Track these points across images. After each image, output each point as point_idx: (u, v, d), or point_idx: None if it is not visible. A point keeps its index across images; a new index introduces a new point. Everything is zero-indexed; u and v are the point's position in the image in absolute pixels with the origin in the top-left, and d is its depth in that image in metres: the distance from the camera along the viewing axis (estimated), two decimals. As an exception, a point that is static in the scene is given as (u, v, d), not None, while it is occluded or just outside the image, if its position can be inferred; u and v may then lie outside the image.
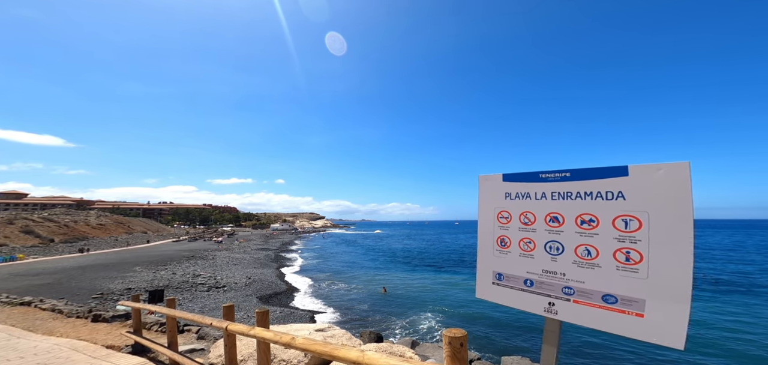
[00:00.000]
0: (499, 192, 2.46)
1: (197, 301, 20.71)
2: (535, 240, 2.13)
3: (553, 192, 2.05)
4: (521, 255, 2.22)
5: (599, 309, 1.72)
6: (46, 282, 24.41)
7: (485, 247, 2.53)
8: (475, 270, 2.65)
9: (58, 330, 6.98)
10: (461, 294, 25.62)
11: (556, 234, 2.01)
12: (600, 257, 1.75)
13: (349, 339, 4.68)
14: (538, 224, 2.12)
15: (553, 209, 2.03)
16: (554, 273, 1.99)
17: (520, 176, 2.32)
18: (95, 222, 76.16)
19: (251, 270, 33.49)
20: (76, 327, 6.83)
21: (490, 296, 2.48)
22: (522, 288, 2.20)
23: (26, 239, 53.23)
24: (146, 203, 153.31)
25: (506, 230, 2.37)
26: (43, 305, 9.43)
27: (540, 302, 2.06)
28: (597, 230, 1.77)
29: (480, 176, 2.71)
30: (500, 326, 17.40)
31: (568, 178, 1.97)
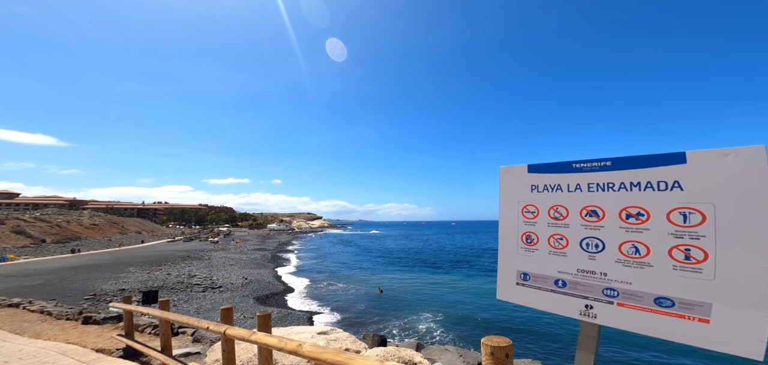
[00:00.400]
0: (523, 185, 2.26)
1: (193, 302, 20.28)
2: (567, 237, 1.93)
3: (589, 183, 1.85)
4: (551, 253, 2.01)
5: (651, 313, 1.52)
6: (37, 283, 23.76)
7: (508, 245, 2.32)
8: (471, 270, 2.43)
9: (46, 333, 6.65)
10: (458, 294, 25.47)
11: (594, 230, 1.80)
12: (651, 255, 1.55)
13: (354, 342, 4.46)
14: (571, 219, 1.92)
15: (591, 202, 1.83)
16: (592, 273, 1.79)
17: (549, 167, 2.12)
18: (88, 222, 74.77)
19: (248, 271, 33.02)
20: (65, 330, 6.51)
21: (513, 297, 2.27)
22: (552, 289, 1.99)
23: (17, 239, 52.03)
24: (141, 203, 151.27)
25: (532, 225, 2.16)
26: (32, 306, 9.04)
27: (574, 304, 1.86)
28: (647, 224, 1.57)
29: (501, 168, 2.50)
30: (502, 327, 17.28)
31: (608, 167, 1.78)
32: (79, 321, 7.35)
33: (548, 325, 17.19)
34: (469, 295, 24.78)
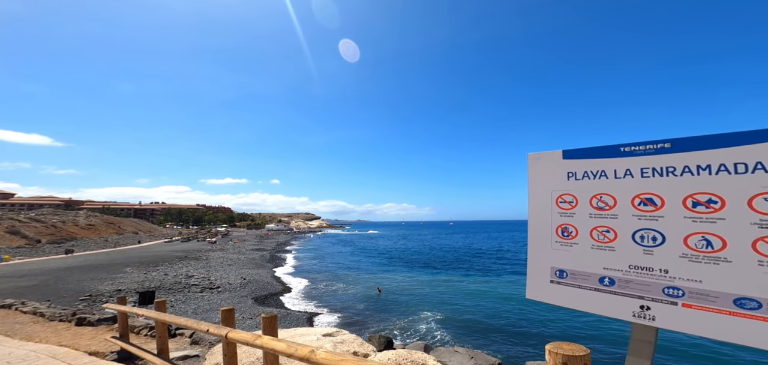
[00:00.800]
0: (557, 172, 2.04)
1: (190, 302, 19.94)
2: (615, 229, 1.71)
3: (643, 169, 1.64)
4: (595, 248, 1.79)
5: (730, 316, 1.30)
6: (31, 283, 23.28)
7: (539, 239, 2.10)
8: (470, 270, 2.18)
9: (38, 335, 6.35)
10: (457, 294, 25.30)
11: (650, 221, 1.59)
12: (729, 248, 1.33)
13: (361, 344, 4.24)
14: (620, 209, 1.70)
15: (646, 189, 1.62)
16: (649, 270, 1.57)
17: (590, 152, 1.90)
18: (84, 223, 73.84)
19: (246, 271, 32.65)
20: (58, 332, 6.22)
21: (546, 296, 2.05)
22: (597, 288, 1.77)
23: (12, 239, 51.20)
24: (138, 204, 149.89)
25: (570, 217, 1.94)
26: (25, 308, 8.72)
27: (626, 305, 1.64)
28: (722, 213, 1.35)
29: (530, 155, 2.28)
30: (509, 327, 17.08)
31: (667, 150, 1.56)
32: (73, 323, 7.06)
33: (563, 325, 17.05)
34: (467, 295, 24.62)
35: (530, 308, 20.48)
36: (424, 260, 46.47)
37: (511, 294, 24.04)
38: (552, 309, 19.41)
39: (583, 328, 16.59)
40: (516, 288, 26.51)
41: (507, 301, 22.16)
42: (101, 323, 6.99)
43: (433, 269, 38.09)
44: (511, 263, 40.63)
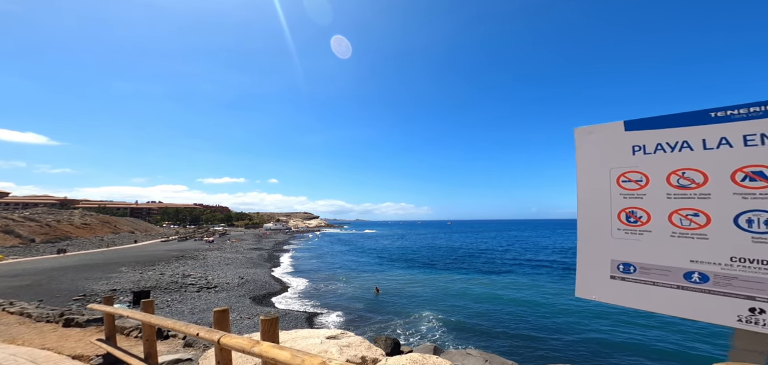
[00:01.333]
0: (618, 147, 1.69)
1: (187, 302, 19.46)
2: (708, 212, 1.37)
3: (747, 136, 1.29)
4: (677, 235, 1.45)
5: None
6: (25, 283, 22.69)
7: (594, 227, 1.75)
8: (470, 270, 1.83)
9: (21, 337, 5.91)
10: (458, 294, 25.01)
11: (760, 199, 1.24)
12: None
13: (368, 347, 3.89)
14: (713, 186, 1.36)
15: (752, 162, 1.27)
16: (762, 263, 1.23)
17: (664, 121, 1.55)
18: (79, 222, 72.79)
19: (244, 270, 32.16)
20: (43, 333, 5.79)
21: (606, 295, 1.69)
22: (681, 286, 1.42)
23: (5, 239, 50.26)
24: (134, 203, 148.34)
25: (638, 199, 1.60)
26: (11, 308, 8.26)
27: (727, 307, 1.30)
28: None
29: (577, 129, 1.93)
30: (514, 329, 16.77)
31: (783, 110, 1.22)
32: (60, 324, 6.63)
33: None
34: (468, 295, 24.36)
35: (537, 308, 20.21)
36: (424, 259, 46.18)
37: (517, 295, 23.81)
38: (566, 311, 19.20)
39: (605, 331, 16.25)
40: (519, 288, 26.26)
41: (511, 302, 21.89)
42: (90, 324, 6.57)
43: (433, 268, 37.80)
44: (511, 263, 40.41)
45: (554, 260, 40.76)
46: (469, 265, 38.87)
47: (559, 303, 21.14)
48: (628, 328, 16.40)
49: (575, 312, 18.91)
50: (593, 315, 19.02)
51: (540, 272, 33.28)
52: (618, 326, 16.55)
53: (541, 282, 28.19)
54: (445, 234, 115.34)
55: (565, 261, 39.47)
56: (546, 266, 37.02)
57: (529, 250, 55.20)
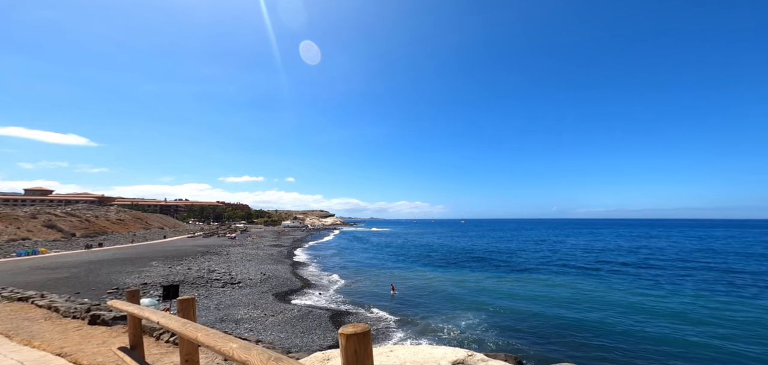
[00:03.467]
0: None
1: (213, 297, 19.48)
2: None
3: None
4: None
5: None
6: (63, 276, 23.65)
7: None
8: (498, 268, 0.84)
9: (42, 336, 5.41)
10: (494, 291, 24.00)
11: None
12: None
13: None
14: None
15: None
16: None
17: None
18: (115, 218, 76.76)
19: (266, 266, 32.32)
20: (66, 332, 5.40)
21: None
22: None
23: (49, 233, 53.56)
24: (163, 200, 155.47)
25: None
26: (41, 301, 8.09)
27: None
28: None
29: None
30: (562, 326, 15.53)
31: None
32: (86, 321, 6.25)
33: (614, 326, 15.33)
34: (505, 294, 23.50)
35: (575, 307, 18.76)
36: (449, 258, 45.06)
37: (561, 295, 22.44)
38: (621, 311, 17.73)
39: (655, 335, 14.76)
40: (558, 288, 24.65)
41: (555, 303, 20.53)
42: (117, 322, 6.15)
43: (460, 267, 36.74)
44: (541, 263, 38.39)
45: (605, 261, 38.36)
46: (494, 263, 37.23)
47: (637, 305, 19.88)
48: (697, 328, 14.88)
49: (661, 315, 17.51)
50: (656, 314, 17.65)
51: (580, 272, 31.35)
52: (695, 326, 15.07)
53: (589, 283, 26.41)
54: (462, 232, 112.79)
55: (610, 261, 37.08)
56: (588, 267, 34.79)
57: (558, 249, 52.59)
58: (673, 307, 19.43)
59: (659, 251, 48.61)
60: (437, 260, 41.68)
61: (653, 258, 41.06)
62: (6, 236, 45.45)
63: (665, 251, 49.45)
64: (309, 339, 13.42)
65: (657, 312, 18.59)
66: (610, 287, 25.18)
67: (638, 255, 44.64)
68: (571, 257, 43.08)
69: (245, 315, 16.32)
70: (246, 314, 16.57)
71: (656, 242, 65.92)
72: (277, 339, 13.28)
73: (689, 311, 18.66)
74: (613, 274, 30.89)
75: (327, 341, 13.39)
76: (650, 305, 19.99)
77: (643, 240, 70.83)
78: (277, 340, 13.09)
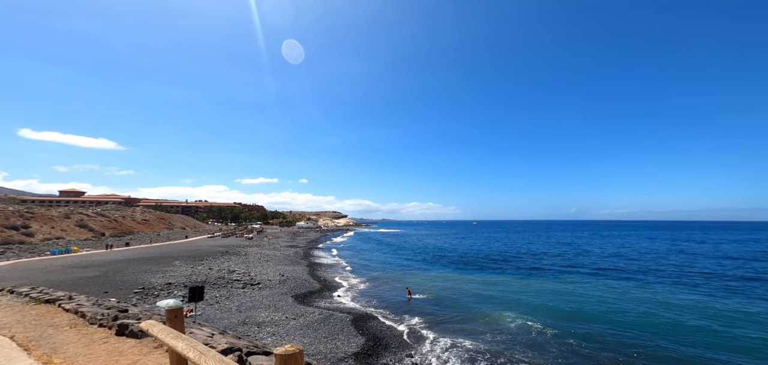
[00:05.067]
0: None
1: (233, 298, 19.27)
2: None
3: None
4: None
5: None
6: (93, 274, 24.15)
7: None
8: (521, 269, 0.55)
9: (65, 349, 4.85)
10: (527, 295, 22.88)
11: None
12: None
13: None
14: None
15: None
16: None
17: None
18: (140, 218, 79.52)
19: (283, 267, 32.18)
20: (92, 343, 4.93)
21: None
22: None
23: (81, 232, 55.86)
24: (184, 201, 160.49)
25: None
26: (68, 304, 7.79)
27: None
28: None
29: None
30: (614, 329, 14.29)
31: None
32: (113, 330, 5.79)
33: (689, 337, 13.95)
34: (539, 295, 22.60)
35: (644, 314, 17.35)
36: (468, 259, 43.93)
37: (603, 297, 21.02)
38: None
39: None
40: (603, 291, 23.08)
41: (597, 306, 19.17)
42: (147, 334, 5.63)
43: (482, 268, 35.47)
44: (572, 265, 36.46)
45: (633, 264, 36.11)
46: (519, 264, 35.63)
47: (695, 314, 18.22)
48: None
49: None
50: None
51: (605, 276, 29.42)
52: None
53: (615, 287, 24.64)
54: (476, 234, 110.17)
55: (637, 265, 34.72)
56: (616, 270, 32.75)
57: (583, 252, 50.02)
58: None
59: (705, 257, 44.06)
60: (453, 262, 40.43)
61: (705, 265, 37.05)
62: (41, 236, 47.65)
63: (713, 256, 44.86)
64: (333, 345, 12.81)
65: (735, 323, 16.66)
66: (676, 295, 23.03)
67: (686, 260, 40.89)
68: (612, 261, 40.72)
69: (267, 318, 15.92)
70: (267, 316, 16.18)
71: (698, 246, 59.89)
72: (301, 344, 12.72)
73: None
74: (666, 281, 28.38)
75: (351, 347, 12.74)
76: (725, 315, 18.01)
77: (682, 243, 65.39)
78: (301, 346, 12.52)
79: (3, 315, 6.61)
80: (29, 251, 37.19)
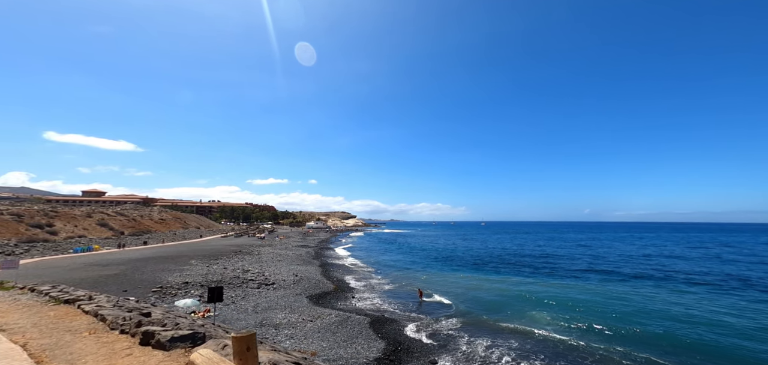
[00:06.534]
0: None
1: (249, 299, 18.92)
2: None
3: None
4: None
5: None
6: (113, 273, 24.27)
7: None
8: (539, 271, 0.75)
9: (83, 361, 4.28)
10: (545, 295, 21.85)
11: None
12: None
13: None
14: None
15: None
16: None
17: None
18: (157, 217, 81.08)
19: (296, 267, 31.86)
20: (112, 357, 4.38)
21: None
22: None
23: (102, 231, 57.15)
24: (199, 202, 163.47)
25: None
26: (88, 305, 7.40)
27: None
28: None
29: None
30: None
31: None
32: (137, 339, 5.27)
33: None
34: (562, 297, 21.53)
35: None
36: (483, 260, 42.65)
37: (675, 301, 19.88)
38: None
39: None
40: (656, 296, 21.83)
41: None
42: (176, 344, 4.90)
43: (493, 270, 34.26)
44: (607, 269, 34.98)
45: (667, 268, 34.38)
46: (534, 266, 34.34)
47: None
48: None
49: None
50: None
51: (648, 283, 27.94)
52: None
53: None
54: (486, 235, 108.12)
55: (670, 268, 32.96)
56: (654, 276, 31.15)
57: (602, 257, 48.04)
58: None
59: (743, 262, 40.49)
60: (467, 263, 39.36)
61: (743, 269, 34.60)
62: (64, 234, 48.88)
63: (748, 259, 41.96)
64: (353, 350, 12.20)
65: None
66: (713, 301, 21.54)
67: (724, 264, 38.20)
68: (636, 265, 38.94)
69: (283, 320, 15.45)
70: (284, 318, 15.71)
71: (730, 251, 54.96)
72: (320, 348, 12.18)
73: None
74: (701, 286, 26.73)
75: (372, 352, 12.10)
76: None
77: (713, 247, 60.26)
78: (321, 350, 11.98)
79: (20, 316, 6.25)
80: (53, 249, 38.04)
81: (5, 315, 6.35)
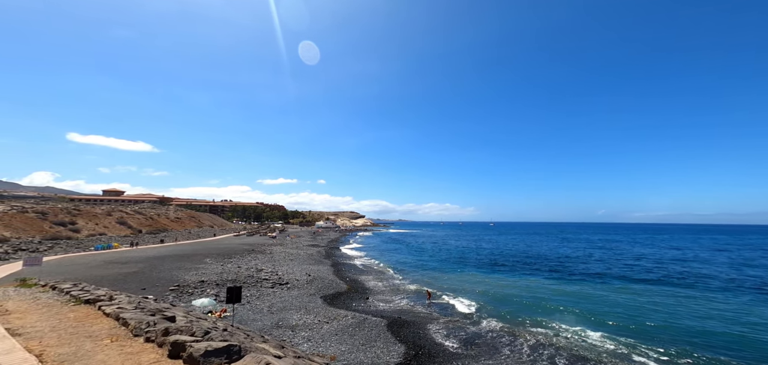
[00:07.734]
0: None
1: (264, 299, 18.63)
2: None
3: None
4: None
5: None
6: (132, 270, 24.45)
7: None
8: (555, 272, 0.97)
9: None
10: (563, 297, 20.70)
11: None
12: None
13: None
14: None
15: None
16: None
17: None
18: (173, 216, 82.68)
19: (308, 267, 31.58)
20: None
21: None
22: None
23: (121, 229, 58.47)
24: (212, 201, 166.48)
25: None
26: (109, 306, 7.06)
27: None
28: None
29: None
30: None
31: None
32: (165, 351, 4.53)
33: None
34: (580, 301, 20.50)
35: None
36: (489, 260, 41.41)
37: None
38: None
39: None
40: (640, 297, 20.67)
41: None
42: (210, 360, 4.14)
43: (509, 270, 33.17)
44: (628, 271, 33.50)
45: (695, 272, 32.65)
46: (552, 267, 33.04)
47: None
48: None
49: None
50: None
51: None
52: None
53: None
54: (497, 236, 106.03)
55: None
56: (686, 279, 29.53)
57: (620, 258, 46.04)
58: None
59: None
60: (477, 264, 38.33)
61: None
62: (86, 232, 50.13)
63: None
64: (372, 354, 11.64)
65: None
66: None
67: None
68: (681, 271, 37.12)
69: (299, 321, 15.03)
70: (300, 319, 15.29)
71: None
72: (339, 351, 11.67)
73: None
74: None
75: (392, 357, 11.52)
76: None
77: (746, 251, 55.82)
78: (340, 354, 11.47)
79: (39, 318, 5.94)
80: (75, 246, 38.92)
81: (24, 316, 6.07)
